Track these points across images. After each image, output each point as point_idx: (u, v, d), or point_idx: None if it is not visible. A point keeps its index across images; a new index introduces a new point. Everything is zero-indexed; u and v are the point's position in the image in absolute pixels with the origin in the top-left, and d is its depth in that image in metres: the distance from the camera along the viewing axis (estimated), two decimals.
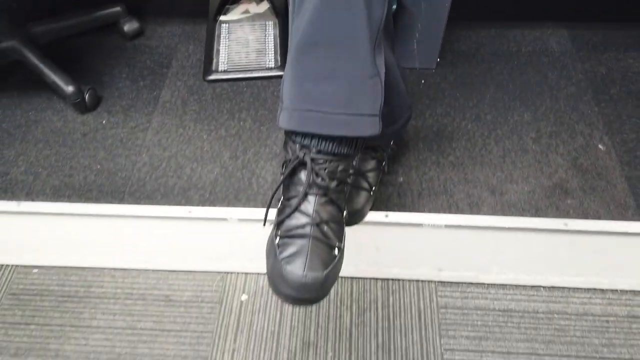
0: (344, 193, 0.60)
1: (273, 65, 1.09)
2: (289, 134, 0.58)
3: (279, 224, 0.57)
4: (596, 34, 1.13)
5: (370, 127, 0.57)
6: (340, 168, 0.57)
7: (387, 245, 0.92)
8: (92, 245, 1.00)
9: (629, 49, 1.09)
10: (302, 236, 0.55)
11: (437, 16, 0.98)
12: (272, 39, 1.14)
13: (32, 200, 0.89)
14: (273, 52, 1.11)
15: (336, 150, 0.57)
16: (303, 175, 0.56)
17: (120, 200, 0.88)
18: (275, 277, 0.54)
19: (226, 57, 1.10)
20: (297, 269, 0.53)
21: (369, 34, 0.53)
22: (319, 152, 0.56)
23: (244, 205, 0.87)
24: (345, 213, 0.60)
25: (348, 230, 0.62)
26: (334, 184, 0.57)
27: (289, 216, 0.56)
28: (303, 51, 0.55)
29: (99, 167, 0.93)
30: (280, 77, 1.08)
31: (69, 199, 0.88)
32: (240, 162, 0.92)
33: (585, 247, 0.88)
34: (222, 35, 1.15)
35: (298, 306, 0.55)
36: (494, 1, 1.20)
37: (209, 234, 0.93)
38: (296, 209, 0.56)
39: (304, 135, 0.57)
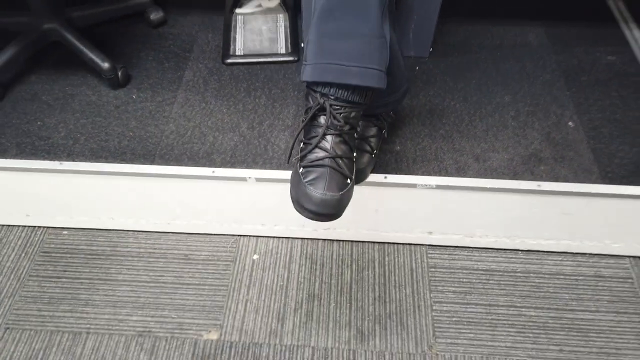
0: (354, 137, 0.73)
1: (284, 52, 1.22)
2: (311, 85, 0.71)
3: (302, 157, 0.70)
4: (569, 30, 1.28)
5: (377, 80, 0.70)
6: (352, 114, 0.70)
7: (385, 206, 1.05)
8: (119, 209, 1.11)
9: (596, 44, 1.24)
10: (321, 166, 0.68)
11: (430, 10, 1.12)
12: (283, 30, 1.27)
13: (73, 160, 1.00)
14: (284, 40, 1.25)
15: (350, 98, 0.69)
16: (322, 119, 0.69)
17: (151, 162, 1.00)
18: (301, 196, 0.67)
19: (242, 44, 1.23)
20: (318, 189, 0.66)
21: (378, 2, 0.67)
22: (336, 99, 0.69)
23: (261, 168, 0.99)
24: (354, 153, 0.73)
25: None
26: (347, 127, 0.70)
27: (310, 151, 0.69)
28: (324, 16, 0.68)
29: (131, 134, 1.05)
30: (289, 62, 1.21)
31: (106, 159, 1.00)
32: (256, 131, 1.05)
33: (556, 209, 1.02)
34: (238, 26, 1.28)
35: (319, 221, 0.67)
36: (481, 1, 1.35)
37: (228, 196, 1.05)
38: (316, 145, 0.69)
39: (324, 85, 0.69)
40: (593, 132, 1.05)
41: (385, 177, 0.97)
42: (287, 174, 0.95)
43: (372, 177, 0.97)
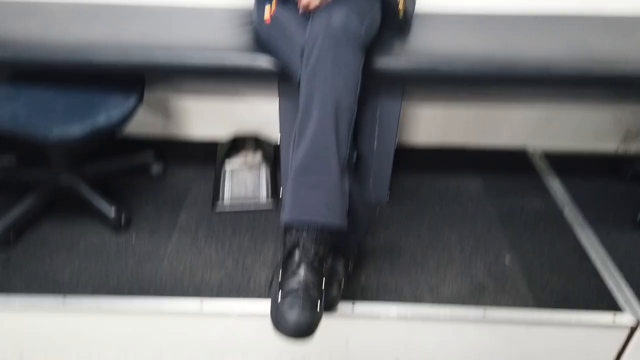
0: (323, 267, 0.90)
1: (265, 200, 1.43)
2: (289, 227, 0.91)
3: (280, 286, 0.86)
4: (502, 181, 1.55)
5: (340, 220, 0.91)
6: (321, 250, 0.89)
7: (354, 336, 1.18)
8: (110, 345, 1.20)
9: (524, 193, 1.51)
10: (296, 293, 0.84)
11: (385, 165, 1.38)
12: (264, 180, 1.51)
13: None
14: (265, 190, 1.47)
15: (319, 237, 0.89)
16: (297, 254, 0.88)
17: (146, 296, 1.13)
18: (279, 318, 0.82)
19: (229, 193, 1.45)
20: (293, 314, 0.81)
21: (338, 164, 0.91)
22: (308, 236, 0.88)
23: (244, 298, 1.13)
24: (324, 280, 0.90)
25: (323, 322, 0.89)
26: (317, 260, 0.88)
27: (287, 281, 0.86)
28: (299, 173, 0.91)
29: (129, 272, 1.19)
30: (269, 210, 1.42)
31: (106, 295, 1.13)
32: (240, 267, 1.21)
33: (501, 336, 1.16)
34: (226, 177, 1.51)
35: (294, 339, 0.81)
36: (428, 157, 1.65)
37: (212, 330, 1.16)
38: (292, 275, 0.86)
39: (299, 224, 0.89)
40: (526, 265, 1.25)
41: (354, 303, 1.12)
42: (266, 308, 1.08)
43: (341, 307, 1.11)
